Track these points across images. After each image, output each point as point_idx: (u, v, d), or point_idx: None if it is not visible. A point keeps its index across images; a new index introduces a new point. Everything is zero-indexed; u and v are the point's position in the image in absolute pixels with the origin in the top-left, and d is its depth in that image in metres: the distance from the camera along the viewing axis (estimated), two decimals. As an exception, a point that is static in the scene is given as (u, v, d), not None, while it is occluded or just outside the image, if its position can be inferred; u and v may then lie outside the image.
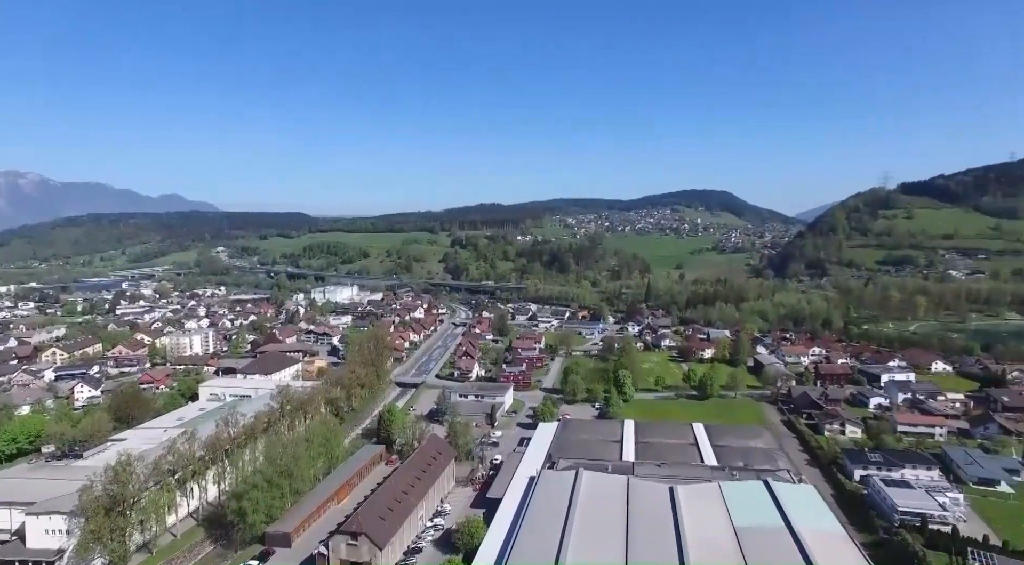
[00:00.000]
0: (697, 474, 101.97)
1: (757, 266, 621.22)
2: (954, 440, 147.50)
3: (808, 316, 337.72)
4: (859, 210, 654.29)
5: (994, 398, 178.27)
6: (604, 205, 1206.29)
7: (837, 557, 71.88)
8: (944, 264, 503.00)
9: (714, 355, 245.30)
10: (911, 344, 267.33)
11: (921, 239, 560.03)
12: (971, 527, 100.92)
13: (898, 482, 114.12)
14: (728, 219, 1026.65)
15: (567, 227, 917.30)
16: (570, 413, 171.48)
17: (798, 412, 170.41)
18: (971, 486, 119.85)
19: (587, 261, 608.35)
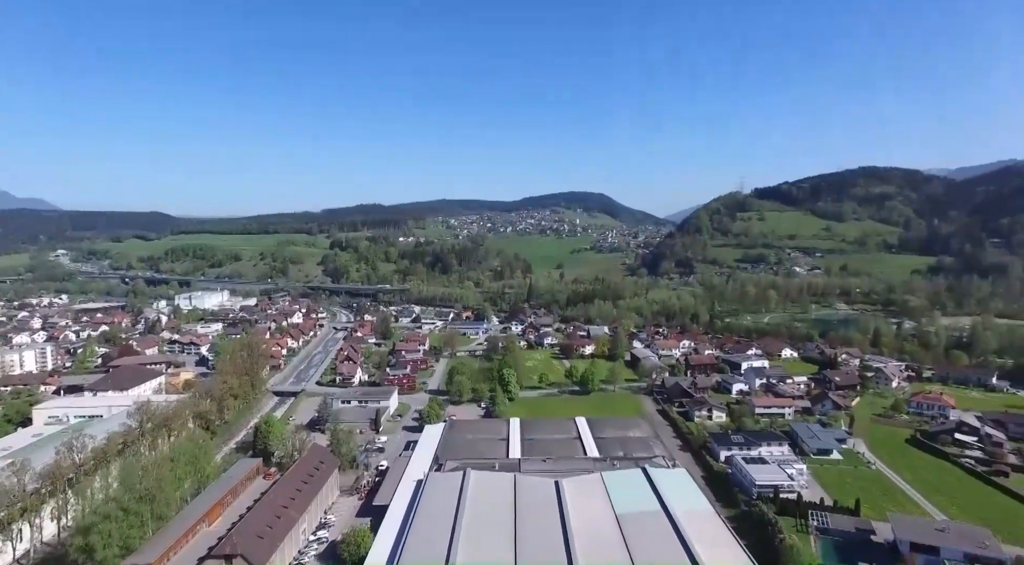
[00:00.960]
0: (581, 466, 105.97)
1: (632, 265, 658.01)
2: (799, 418, 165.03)
3: (678, 311, 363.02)
4: (720, 212, 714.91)
5: (829, 378, 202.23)
6: (486, 206, 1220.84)
7: (707, 533, 77.87)
8: (790, 261, 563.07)
9: (594, 351, 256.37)
10: (765, 334, 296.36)
11: (771, 239, 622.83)
12: (812, 493, 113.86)
13: (756, 459, 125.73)
14: (605, 220, 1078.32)
15: (450, 228, 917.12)
16: (456, 414, 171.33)
17: (671, 401, 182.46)
18: (811, 457, 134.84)
19: (470, 262, 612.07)
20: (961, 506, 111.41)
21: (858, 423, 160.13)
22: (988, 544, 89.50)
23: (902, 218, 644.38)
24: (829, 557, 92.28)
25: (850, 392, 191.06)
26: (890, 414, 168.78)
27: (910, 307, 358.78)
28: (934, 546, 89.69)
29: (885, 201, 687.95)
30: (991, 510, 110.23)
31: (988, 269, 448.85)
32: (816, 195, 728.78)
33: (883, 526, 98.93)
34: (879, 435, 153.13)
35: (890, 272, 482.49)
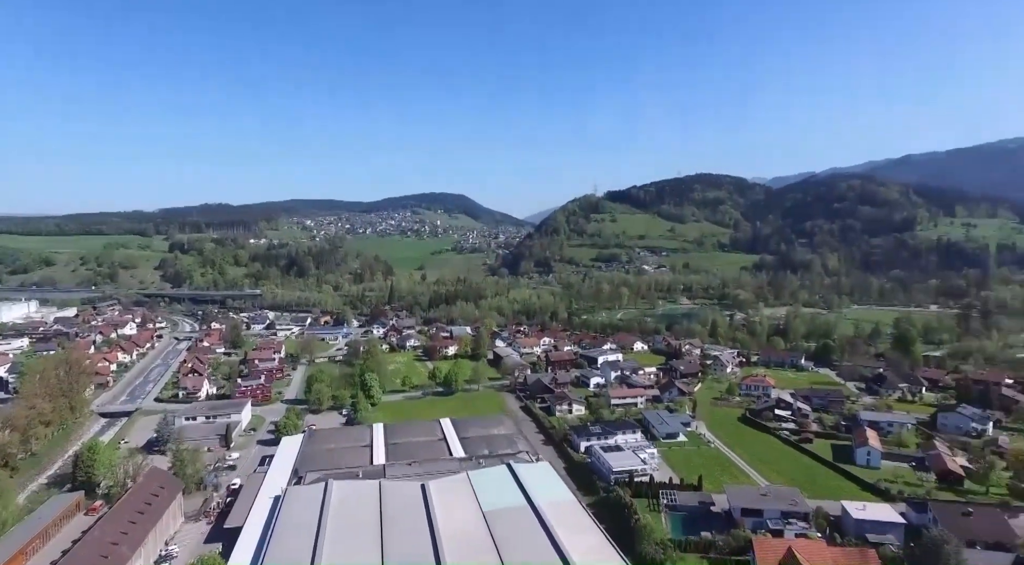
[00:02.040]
0: (447, 467, 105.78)
1: (493, 265, 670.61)
2: (650, 406, 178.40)
3: (539, 309, 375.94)
4: (576, 214, 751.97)
5: (675, 368, 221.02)
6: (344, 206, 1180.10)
7: (570, 521, 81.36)
8: (639, 260, 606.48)
9: (457, 351, 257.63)
10: (619, 329, 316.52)
11: (623, 239, 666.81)
12: (662, 474, 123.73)
13: (613, 448, 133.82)
14: (465, 221, 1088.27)
15: (305, 229, 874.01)
16: (316, 423, 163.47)
17: (533, 397, 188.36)
18: (661, 441, 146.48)
19: (328, 264, 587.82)
20: (779, 471, 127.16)
21: (700, 407, 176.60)
22: (797, 501, 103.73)
23: (732, 220, 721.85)
24: (677, 530, 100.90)
25: (693, 379, 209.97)
26: (726, 397, 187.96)
27: (740, 300, 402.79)
28: (759, 509, 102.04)
29: (718, 205, 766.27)
30: (800, 472, 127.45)
31: (797, 265, 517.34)
32: (661, 199, 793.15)
33: (721, 497, 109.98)
34: (717, 416, 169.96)
35: (723, 269, 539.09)
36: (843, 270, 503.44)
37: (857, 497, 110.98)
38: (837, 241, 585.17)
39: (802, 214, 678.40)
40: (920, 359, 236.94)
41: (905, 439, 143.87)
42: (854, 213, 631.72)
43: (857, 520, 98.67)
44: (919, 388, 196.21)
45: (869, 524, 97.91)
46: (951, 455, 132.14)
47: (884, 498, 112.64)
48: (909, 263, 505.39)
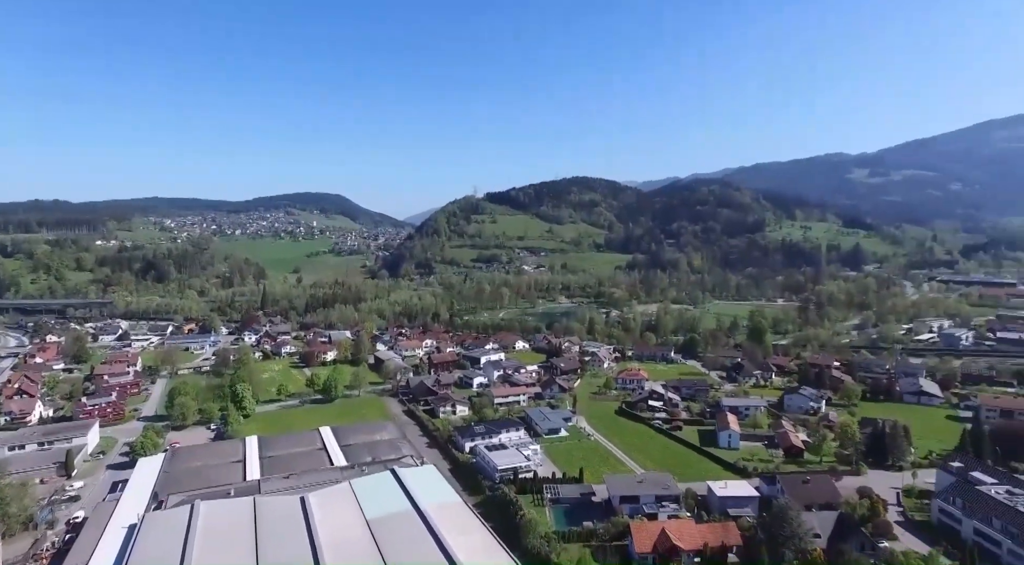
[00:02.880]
0: (328, 478, 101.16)
1: (373, 267, 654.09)
2: (532, 403, 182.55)
3: (420, 311, 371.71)
4: (456, 215, 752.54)
5: (555, 365, 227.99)
6: (209, 206, 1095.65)
7: (456, 523, 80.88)
8: (519, 261, 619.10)
9: (336, 357, 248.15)
10: (501, 329, 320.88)
11: (503, 240, 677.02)
12: (545, 469, 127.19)
13: (497, 446, 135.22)
14: (343, 222, 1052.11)
15: (165, 230, 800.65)
16: (181, 440, 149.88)
17: (417, 400, 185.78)
18: (544, 437, 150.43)
19: (192, 268, 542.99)
20: (653, 459, 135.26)
21: (580, 402, 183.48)
22: (669, 485, 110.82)
23: (607, 222, 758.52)
24: (561, 522, 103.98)
25: (573, 376, 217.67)
26: (603, 391, 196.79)
27: (615, 298, 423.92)
28: (635, 495, 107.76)
29: (594, 207, 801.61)
30: (672, 457, 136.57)
31: (666, 264, 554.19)
32: (540, 200, 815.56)
33: (601, 487, 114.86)
34: (596, 410, 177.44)
35: (599, 268, 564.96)
36: (706, 268, 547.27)
37: (720, 476, 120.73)
38: (700, 241, 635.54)
39: (669, 216, 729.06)
40: (770, 348, 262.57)
41: (759, 421, 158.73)
42: (714, 216, 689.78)
43: (720, 497, 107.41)
44: (770, 374, 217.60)
45: (730, 500, 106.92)
46: (795, 431, 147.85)
47: (742, 475, 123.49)
48: (760, 261, 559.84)
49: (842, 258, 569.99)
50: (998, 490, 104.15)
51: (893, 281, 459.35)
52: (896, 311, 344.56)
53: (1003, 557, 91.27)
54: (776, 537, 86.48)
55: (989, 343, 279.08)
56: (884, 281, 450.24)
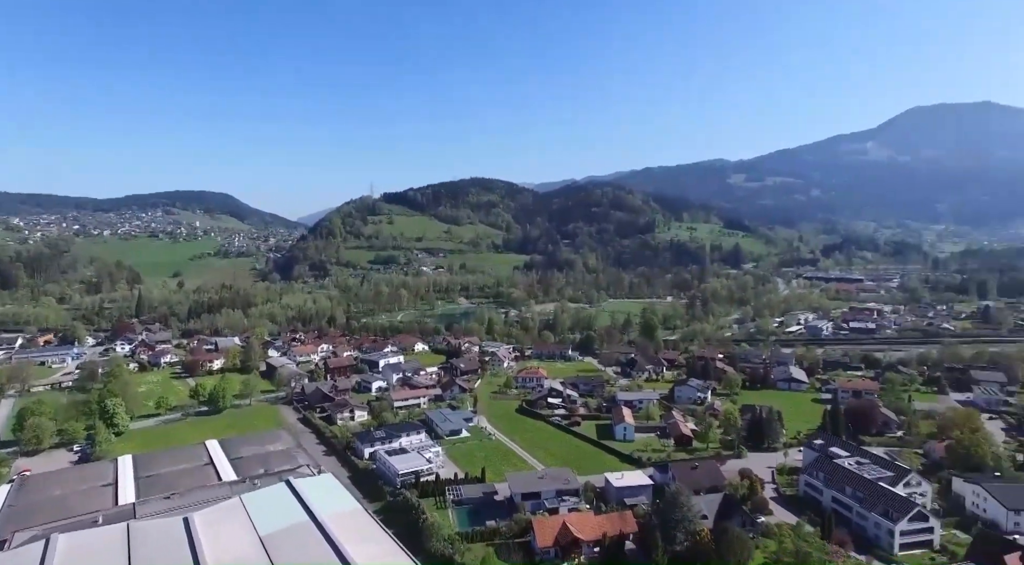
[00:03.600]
0: (215, 495, 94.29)
1: (264, 270, 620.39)
2: (433, 405, 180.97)
3: (315, 315, 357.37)
4: (352, 216, 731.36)
5: (455, 366, 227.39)
6: (70, 203, 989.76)
7: (356, 531, 78.31)
8: (418, 262, 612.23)
9: (224, 365, 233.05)
10: (400, 331, 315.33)
11: (401, 241, 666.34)
12: (448, 471, 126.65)
13: (398, 451, 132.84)
14: (230, 223, 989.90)
15: (12, 229, 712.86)
16: (34, 467, 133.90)
17: (313, 408, 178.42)
18: (446, 439, 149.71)
19: (49, 272, 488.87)
20: (554, 455, 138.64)
21: (481, 402, 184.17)
22: (569, 480, 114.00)
23: (505, 223, 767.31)
24: (464, 523, 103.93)
25: (473, 376, 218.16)
26: (504, 390, 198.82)
27: (513, 298, 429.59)
28: (537, 492, 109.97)
29: (492, 208, 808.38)
30: (571, 452, 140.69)
31: (563, 264, 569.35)
32: (438, 201, 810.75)
33: (503, 486, 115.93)
34: (497, 410, 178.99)
35: (498, 269, 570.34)
36: (601, 268, 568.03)
37: (617, 468, 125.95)
38: (595, 242, 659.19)
39: (566, 217, 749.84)
40: (661, 343, 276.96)
41: (652, 413, 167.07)
42: (608, 217, 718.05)
43: (617, 488, 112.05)
44: (661, 368, 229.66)
45: (627, 490, 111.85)
46: (684, 421, 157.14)
47: (638, 466, 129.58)
48: (651, 261, 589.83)
49: (724, 257, 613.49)
50: (850, 462, 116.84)
51: (767, 278, 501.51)
52: (770, 306, 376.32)
53: (853, 519, 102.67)
54: (668, 521, 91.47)
55: (844, 332, 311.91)
56: (760, 278, 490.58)
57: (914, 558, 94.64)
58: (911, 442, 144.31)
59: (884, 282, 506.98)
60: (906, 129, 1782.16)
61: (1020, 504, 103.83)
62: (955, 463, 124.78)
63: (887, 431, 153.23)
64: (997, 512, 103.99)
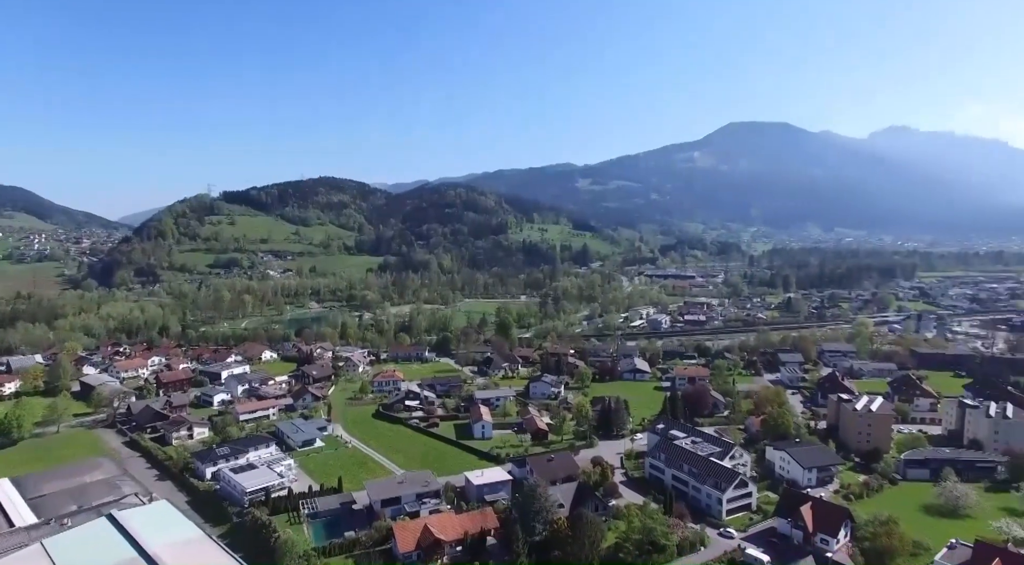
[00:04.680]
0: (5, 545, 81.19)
1: (76, 276, 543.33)
2: (284, 416, 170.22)
3: (144, 325, 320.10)
4: (187, 215, 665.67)
5: (307, 373, 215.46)
6: None
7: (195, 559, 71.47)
8: (263, 265, 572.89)
9: (21, 388, 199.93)
10: (245, 339, 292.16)
11: (244, 243, 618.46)
12: (301, 484, 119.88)
13: (245, 467, 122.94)
14: (28, 221, 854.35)
15: None
16: None
17: (142, 428, 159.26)
18: (298, 450, 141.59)
19: None
20: (413, 458, 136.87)
21: (335, 409, 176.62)
22: (430, 482, 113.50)
23: (357, 224, 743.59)
24: (320, 537, 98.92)
25: (326, 382, 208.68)
26: (359, 396, 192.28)
27: (368, 301, 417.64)
28: (397, 497, 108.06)
29: (343, 209, 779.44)
30: (431, 454, 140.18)
31: (418, 265, 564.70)
32: (284, 201, 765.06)
33: (361, 494, 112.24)
34: (353, 416, 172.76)
35: (351, 271, 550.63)
36: (456, 268, 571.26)
37: (477, 466, 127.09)
38: (450, 243, 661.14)
39: (420, 218, 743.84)
40: (516, 341, 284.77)
41: (508, 409, 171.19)
42: (462, 218, 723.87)
43: (477, 486, 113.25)
44: (516, 365, 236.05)
45: (487, 487, 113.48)
46: (539, 416, 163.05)
47: (496, 462, 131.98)
48: (504, 261, 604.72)
49: (573, 257, 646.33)
50: (686, 442, 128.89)
51: (613, 276, 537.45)
52: (616, 302, 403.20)
53: (690, 493, 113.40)
54: (527, 514, 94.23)
55: (680, 325, 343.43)
56: (606, 277, 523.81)
57: (737, 520, 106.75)
58: (735, 419, 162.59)
59: (711, 278, 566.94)
60: (725, 142, 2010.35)
61: (813, 463, 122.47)
62: (768, 434, 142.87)
63: (716, 412, 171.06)
64: (797, 472, 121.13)
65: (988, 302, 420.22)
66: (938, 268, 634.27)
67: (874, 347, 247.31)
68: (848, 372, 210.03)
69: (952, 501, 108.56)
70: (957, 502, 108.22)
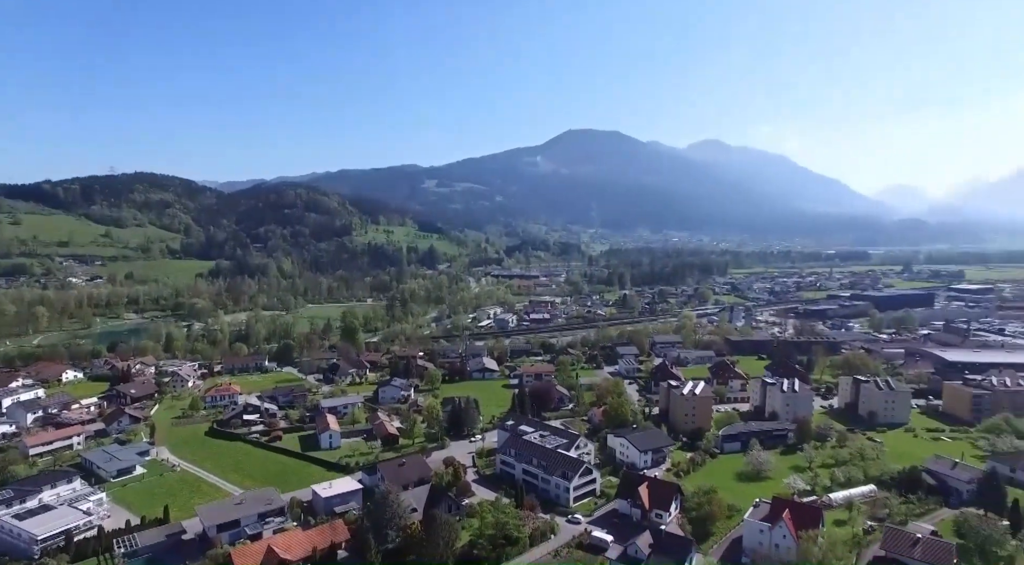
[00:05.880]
0: None
1: None
2: (93, 443, 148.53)
3: None
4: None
5: (123, 393, 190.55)
6: None
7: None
8: (63, 272, 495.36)
9: None
10: (37, 358, 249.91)
11: (35, 246, 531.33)
12: (116, 519, 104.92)
13: (37, 510, 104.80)
14: None
15: None
16: None
17: None
18: (113, 481, 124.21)
19: None
20: (254, 476, 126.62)
21: (159, 431, 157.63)
22: (273, 500, 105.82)
23: (183, 225, 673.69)
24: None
25: (148, 401, 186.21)
26: (189, 414, 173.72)
27: (197, 309, 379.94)
28: (235, 519, 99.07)
29: (166, 208, 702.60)
30: (274, 470, 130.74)
31: (254, 270, 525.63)
32: (90, 198, 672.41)
33: (193, 521, 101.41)
34: (181, 436, 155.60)
35: (176, 277, 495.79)
36: (297, 272, 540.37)
37: (325, 478, 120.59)
38: (290, 245, 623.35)
39: (256, 219, 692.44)
40: (363, 345, 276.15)
41: (357, 416, 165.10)
42: (303, 219, 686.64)
43: (325, 499, 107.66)
44: (364, 370, 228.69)
45: (336, 498, 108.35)
46: (389, 421, 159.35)
47: (346, 472, 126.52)
48: (349, 264, 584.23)
49: (420, 258, 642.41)
50: (535, 436, 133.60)
51: (460, 277, 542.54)
52: (463, 303, 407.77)
53: (539, 485, 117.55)
54: (379, 521, 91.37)
55: (526, 323, 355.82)
56: (454, 278, 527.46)
57: (584, 505, 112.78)
58: (579, 412, 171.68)
59: (554, 277, 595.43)
60: (565, 147, 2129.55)
61: (648, 446, 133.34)
62: (609, 423, 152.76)
63: (562, 405, 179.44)
64: (635, 455, 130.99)
65: (782, 294, 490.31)
66: (745, 265, 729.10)
67: (696, 337, 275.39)
68: (676, 361, 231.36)
69: (757, 467, 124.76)
70: (760, 467, 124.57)
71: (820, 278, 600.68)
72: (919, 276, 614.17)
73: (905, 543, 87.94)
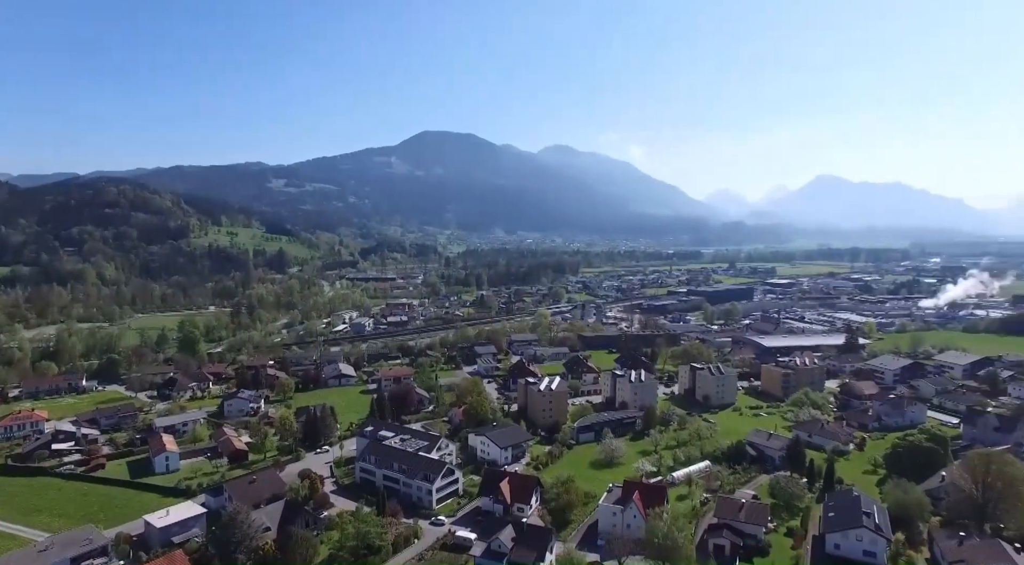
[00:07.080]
0: None
1: None
2: None
3: None
4: None
5: None
6: None
7: None
8: None
9: None
10: None
11: None
12: None
13: None
14: None
15: None
16: None
17: None
18: None
19: None
20: (68, 515, 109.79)
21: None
22: (92, 538, 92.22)
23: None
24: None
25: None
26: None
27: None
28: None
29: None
30: (95, 504, 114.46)
31: (66, 277, 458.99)
32: None
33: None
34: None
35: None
36: (123, 279, 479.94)
37: (161, 505, 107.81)
38: (112, 249, 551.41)
39: (67, 219, 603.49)
40: (205, 357, 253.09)
41: (199, 433, 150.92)
42: (129, 220, 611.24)
43: (161, 529, 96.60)
44: (207, 383, 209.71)
45: (175, 527, 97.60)
46: (237, 436, 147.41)
47: (186, 496, 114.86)
48: (187, 268, 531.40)
49: (268, 262, 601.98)
50: (395, 441, 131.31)
51: (313, 281, 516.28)
52: (317, 308, 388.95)
53: (401, 489, 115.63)
54: (227, 545, 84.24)
55: (383, 326, 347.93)
56: (306, 282, 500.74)
57: (447, 506, 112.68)
58: (440, 413, 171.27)
59: (411, 279, 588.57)
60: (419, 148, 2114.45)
61: (508, 442, 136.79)
62: (469, 422, 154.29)
63: (423, 408, 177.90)
64: (496, 452, 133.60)
65: (628, 291, 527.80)
66: (595, 265, 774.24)
67: (552, 334, 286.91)
68: (533, 358, 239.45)
69: (609, 454, 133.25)
70: (613, 454, 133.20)
71: (661, 276, 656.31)
72: (741, 273, 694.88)
73: (733, 509, 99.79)
